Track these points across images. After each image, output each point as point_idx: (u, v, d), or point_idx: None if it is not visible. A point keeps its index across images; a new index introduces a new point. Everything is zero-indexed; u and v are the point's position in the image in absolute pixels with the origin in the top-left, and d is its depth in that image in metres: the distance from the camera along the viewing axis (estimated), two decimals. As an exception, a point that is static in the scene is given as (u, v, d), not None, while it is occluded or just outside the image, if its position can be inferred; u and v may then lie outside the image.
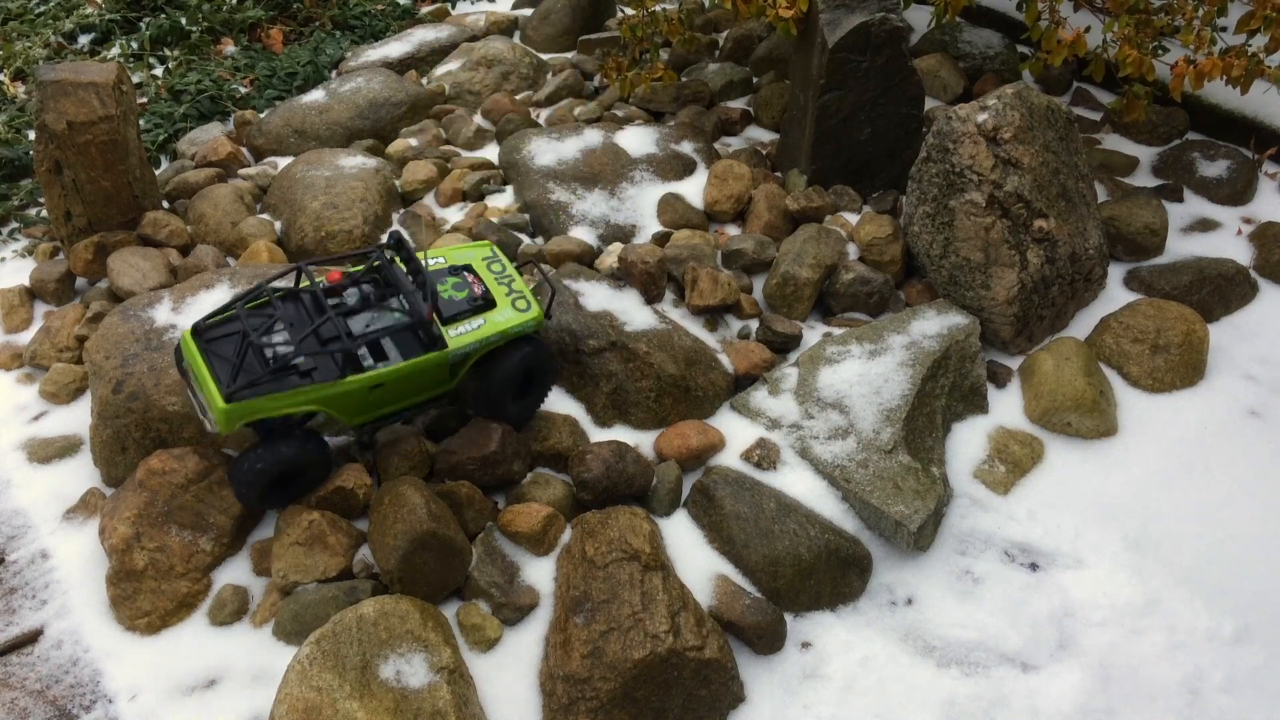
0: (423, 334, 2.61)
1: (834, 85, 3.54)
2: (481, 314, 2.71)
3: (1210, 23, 3.45)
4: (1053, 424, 3.09)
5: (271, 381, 2.44)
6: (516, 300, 2.77)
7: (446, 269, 2.82)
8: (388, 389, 2.60)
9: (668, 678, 2.37)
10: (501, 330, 2.70)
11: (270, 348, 2.50)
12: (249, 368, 2.45)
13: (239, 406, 2.40)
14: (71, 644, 2.60)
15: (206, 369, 2.44)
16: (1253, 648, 2.57)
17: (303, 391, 2.46)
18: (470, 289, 2.76)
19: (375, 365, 2.55)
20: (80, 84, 3.37)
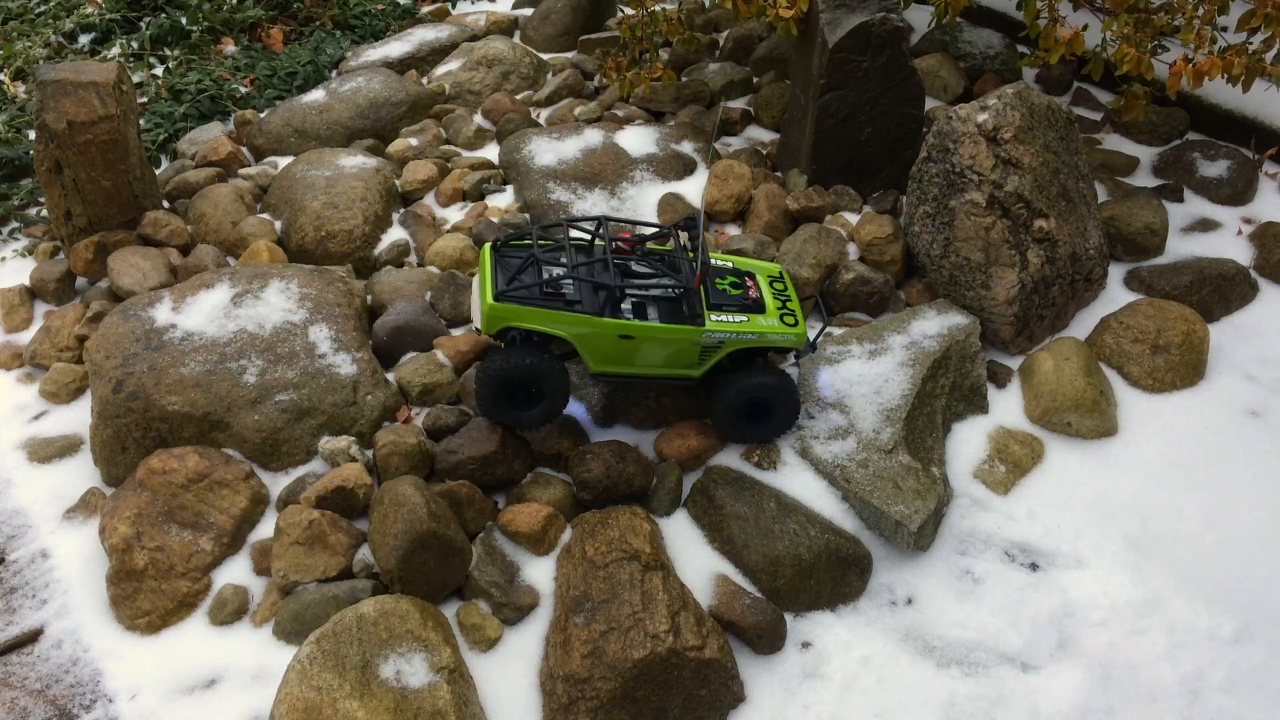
0: (686, 307, 2.72)
1: (834, 85, 3.54)
2: (747, 313, 2.76)
3: (1211, 21, 3.45)
4: (1053, 424, 3.08)
5: (538, 297, 2.61)
6: (785, 316, 2.80)
7: (731, 268, 2.92)
8: (637, 345, 2.68)
9: (668, 677, 2.37)
10: (760, 331, 2.73)
11: (550, 270, 2.69)
12: (526, 281, 2.63)
13: (502, 308, 2.58)
14: (72, 643, 2.60)
15: (490, 273, 2.64)
16: (1253, 647, 2.57)
17: (560, 315, 2.60)
18: (746, 291, 2.84)
19: (632, 318, 2.66)
20: (80, 84, 3.37)
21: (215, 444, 2.85)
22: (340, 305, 3.15)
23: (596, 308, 2.63)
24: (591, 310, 2.62)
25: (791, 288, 2.95)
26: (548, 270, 2.70)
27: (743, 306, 2.78)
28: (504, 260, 2.72)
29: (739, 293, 2.83)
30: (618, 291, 2.63)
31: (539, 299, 2.61)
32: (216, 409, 2.84)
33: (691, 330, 2.67)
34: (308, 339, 3.02)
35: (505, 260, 2.72)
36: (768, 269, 2.99)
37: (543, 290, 2.62)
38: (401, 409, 2.96)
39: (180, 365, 2.90)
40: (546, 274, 2.67)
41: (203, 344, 2.96)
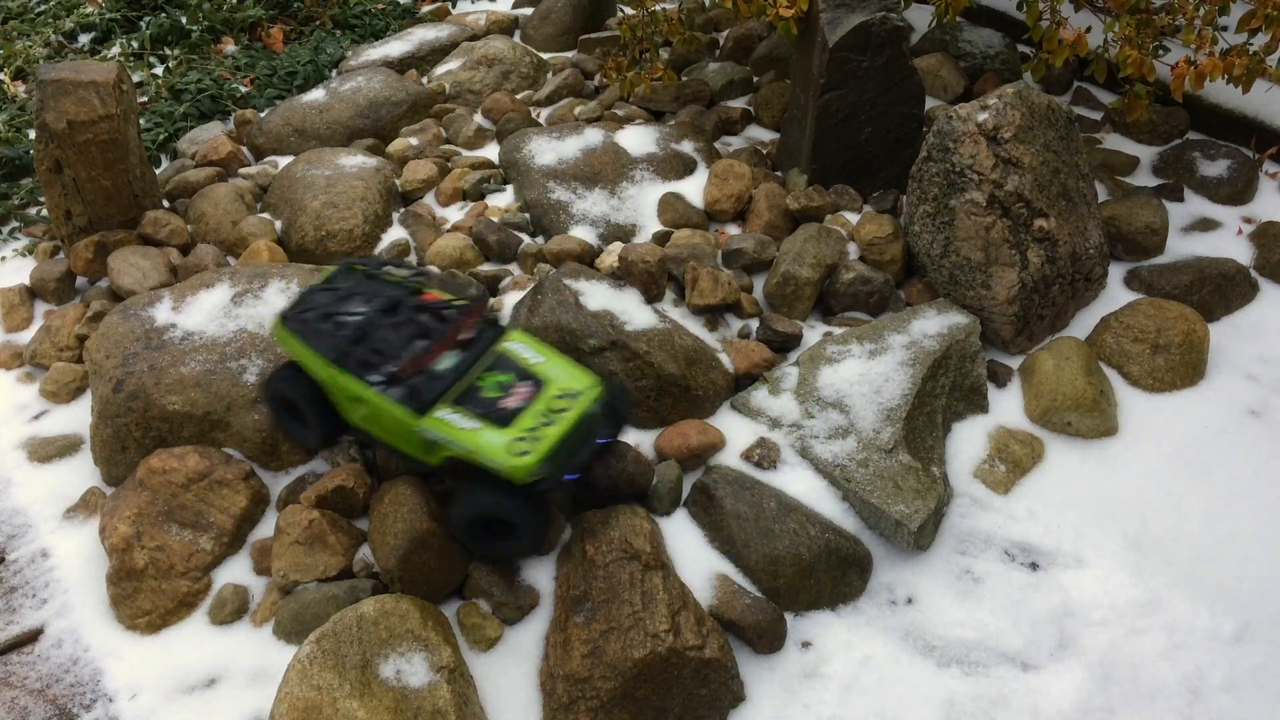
0: (418, 384, 2.45)
1: (834, 85, 3.54)
2: (482, 422, 2.42)
3: (1211, 22, 3.45)
4: (1053, 423, 3.09)
5: (309, 327, 2.55)
6: (522, 441, 2.38)
7: (519, 369, 2.55)
8: (368, 411, 2.51)
9: (668, 677, 2.37)
10: (474, 448, 2.38)
11: (340, 311, 2.58)
12: (310, 307, 2.60)
13: (280, 330, 2.59)
14: (72, 643, 2.60)
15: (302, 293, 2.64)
16: (1253, 647, 2.57)
17: (310, 351, 2.52)
18: (505, 398, 2.47)
19: (377, 387, 2.44)
20: (80, 83, 3.37)
21: (215, 443, 2.85)
22: (340, 305, 3.15)
23: (333, 355, 2.47)
24: (329, 356, 2.47)
25: (582, 408, 2.48)
26: (350, 306, 2.59)
27: (484, 414, 2.42)
28: (333, 280, 2.70)
29: (495, 395, 2.46)
30: (344, 348, 2.48)
31: (308, 329, 2.52)
32: (217, 408, 2.84)
33: (407, 417, 2.40)
34: (308, 338, 3.02)
35: (334, 281, 2.70)
36: (581, 383, 2.54)
37: (317, 323, 2.52)
38: (401, 408, 2.96)
39: (180, 365, 2.90)
40: (336, 309, 2.58)
41: (203, 343, 2.96)
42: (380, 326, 2.53)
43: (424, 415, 2.41)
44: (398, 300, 2.61)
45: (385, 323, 2.54)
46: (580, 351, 2.99)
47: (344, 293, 2.64)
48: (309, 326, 2.56)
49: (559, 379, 2.55)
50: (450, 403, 2.45)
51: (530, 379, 2.54)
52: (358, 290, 2.65)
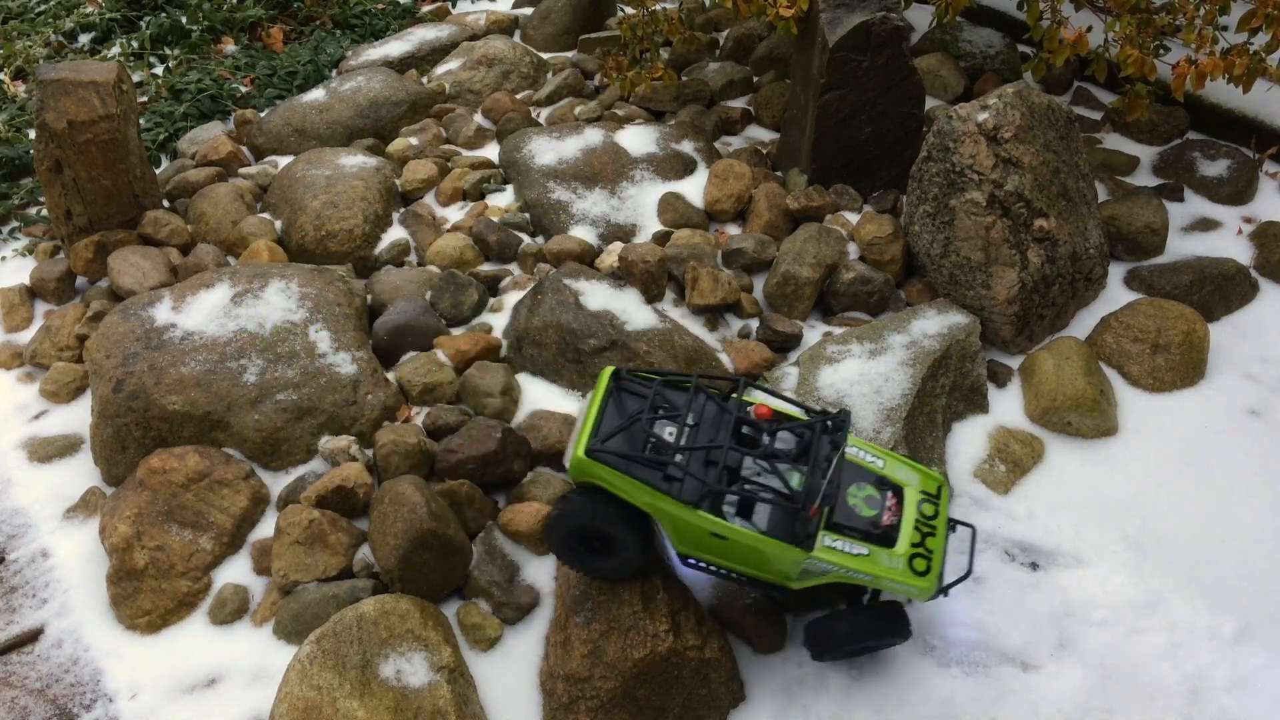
0: (797, 521, 2.26)
1: (834, 85, 3.54)
2: (870, 544, 2.32)
3: (1212, 22, 3.45)
4: (1053, 423, 3.08)
5: (633, 464, 2.24)
6: (917, 557, 2.33)
7: (876, 475, 2.44)
8: (729, 546, 2.31)
9: (668, 677, 2.37)
10: (876, 574, 2.30)
11: (661, 433, 2.30)
12: (628, 436, 2.28)
13: (589, 464, 2.25)
14: (72, 643, 2.60)
15: (596, 413, 2.31)
16: (1253, 647, 2.57)
17: (649, 490, 2.24)
18: (881, 513, 2.37)
19: (733, 519, 2.25)
20: (80, 83, 3.37)
21: (215, 443, 2.85)
22: (340, 305, 3.15)
23: (693, 497, 2.23)
24: (687, 499, 2.23)
25: (945, 510, 2.44)
26: (661, 428, 2.32)
27: (868, 535, 2.33)
28: (619, 398, 2.36)
29: (871, 514, 2.35)
30: (720, 490, 2.24)
31: (634, 465, 2.24)
32: (217, 408, 2.84)
33: (795, 552, 2.25)
34: (308, 338, 3.02)
35: (620, 398, 2.36)
36: (925, 480, 2.48)
37: (643, 460, 2.24)
38: (402, 408, 2.96)
39: (180, 365, 2.90)
40: (656, 438, 2.27)
41: (203, 343, 2.96)
42: (738, 458, 2.32)
43: (811, 548, 2.25)
44: (742, 423, 2.35)
45: (746, 455, 2.30)
46: (580, 351, 2.99)
47: (652, 413, 2.32)
48: (629, 460, 2.25)
49: (910, 481, 2.46)
50: (824, 527, 2.30)
51: (889, 487, 2.43)
52: (664, 406, 2.35)
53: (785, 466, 2.32)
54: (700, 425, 2.34)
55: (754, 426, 2.38)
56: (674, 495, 2.22)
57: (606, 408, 2.33)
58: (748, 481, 2.29)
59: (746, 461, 2.33)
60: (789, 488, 2.28)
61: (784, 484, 2.28)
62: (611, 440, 2.26)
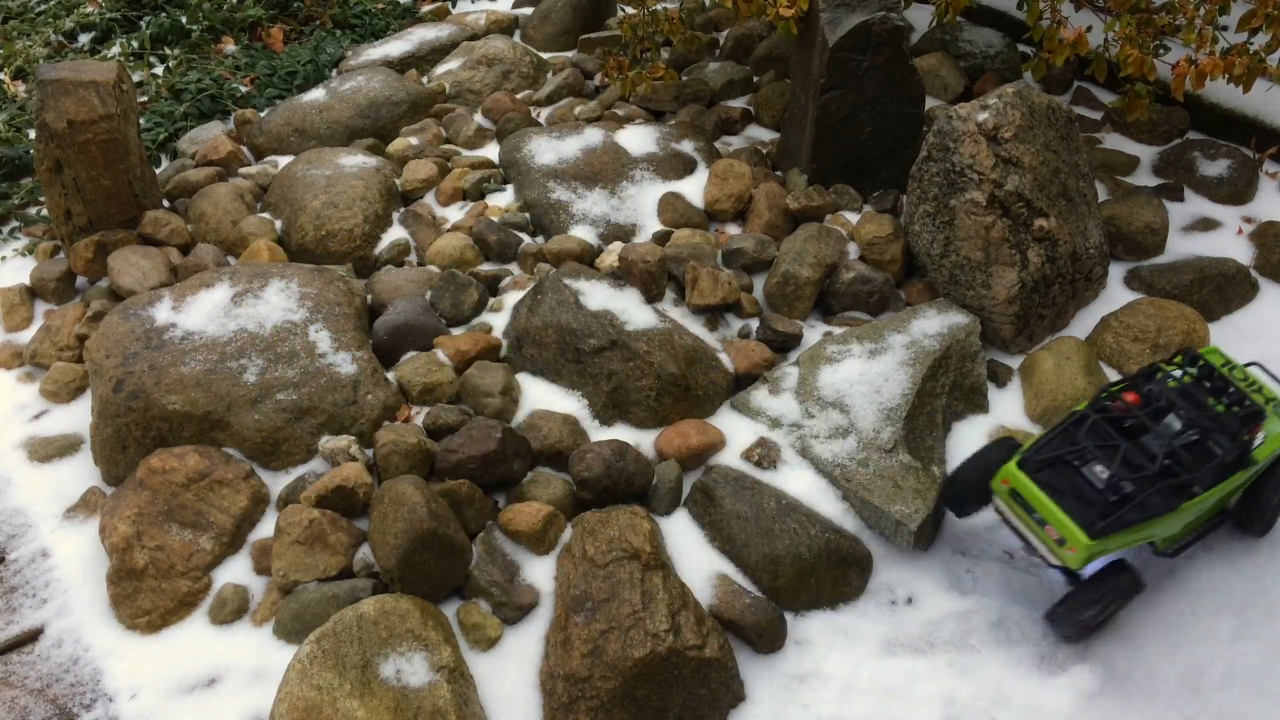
0: (1233, 452, 2.51)
1: (834, 84, 3.54)
2: (1260, 425, 2.59)
3: (1212, 21, 3.45)
4: (1053, 423, 3.08)
5: (1126, 515, 2.37)
6: (1278, 407, 2.65)
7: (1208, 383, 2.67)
8: (1203, 511, 2.57)
9: (668, 677, 2.37)
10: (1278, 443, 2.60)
11: (1107, 478, 2.41)
12: (1090, 500, 2.39)
13: (1100, 543, 2.36)
14: (72, 643, 2.60)
15: (1054, 504, 2.39)
16: (1252, 645, 2.57)
17: (1147, 525, 2.41)
18: (1240, 400, 2.62)
19: (1196, 490, 2.46)
20: (81, 83, 3.37)
21: (215, 443, 2.85)
22: (340, 304, 3.15)
23: (1170, 502, 2.42)
24: (1169, 505, 2.42)
25: (1239, 367, 2.73)
26: (1091, 471, 2.43)
27: (1255, 418, 2.58)
28: (1041, 478, 2.45)
29: (1246, 405, 2.60)
30: (1192, 481, 2.45)
31: (1128, 515, 2.37)
32: (217, 408, 2.84)
33: (1244, 475, 2.55)
34: (308, 338, 3.02)
35: (1042, 477, 2.45)
36: (1214, 357, 2.74)
37: (1124, 507, 2.37)
38: (402, 408, 2.96)
39: (180, 364, 2.90)
40: (1102, 482, 2.40)
41: (203, 343, 2.96)
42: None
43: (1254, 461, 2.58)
44: (1120, 423, 2.55)
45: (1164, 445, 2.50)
46: (580, 351, 2.99)
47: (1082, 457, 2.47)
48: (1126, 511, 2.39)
49: (1214, 362, 2.73)
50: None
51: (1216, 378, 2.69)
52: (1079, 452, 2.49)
53: (1184, 421, 2.54)
54: (1107, 450, 2.46)
55: (1129, 416, 2.55)
56: (1163, 511, 2.40)
57: (1053, 495, 2.42)
58: (1185, 452, 2.48)
59: (1160, 445, 2.49)
60: (1213, 431, 2.53)
61: (1213, 426, 2.53)
62: (1105, 511, 2.37)
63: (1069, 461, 2.46)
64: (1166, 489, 2.42)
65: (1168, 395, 2.60)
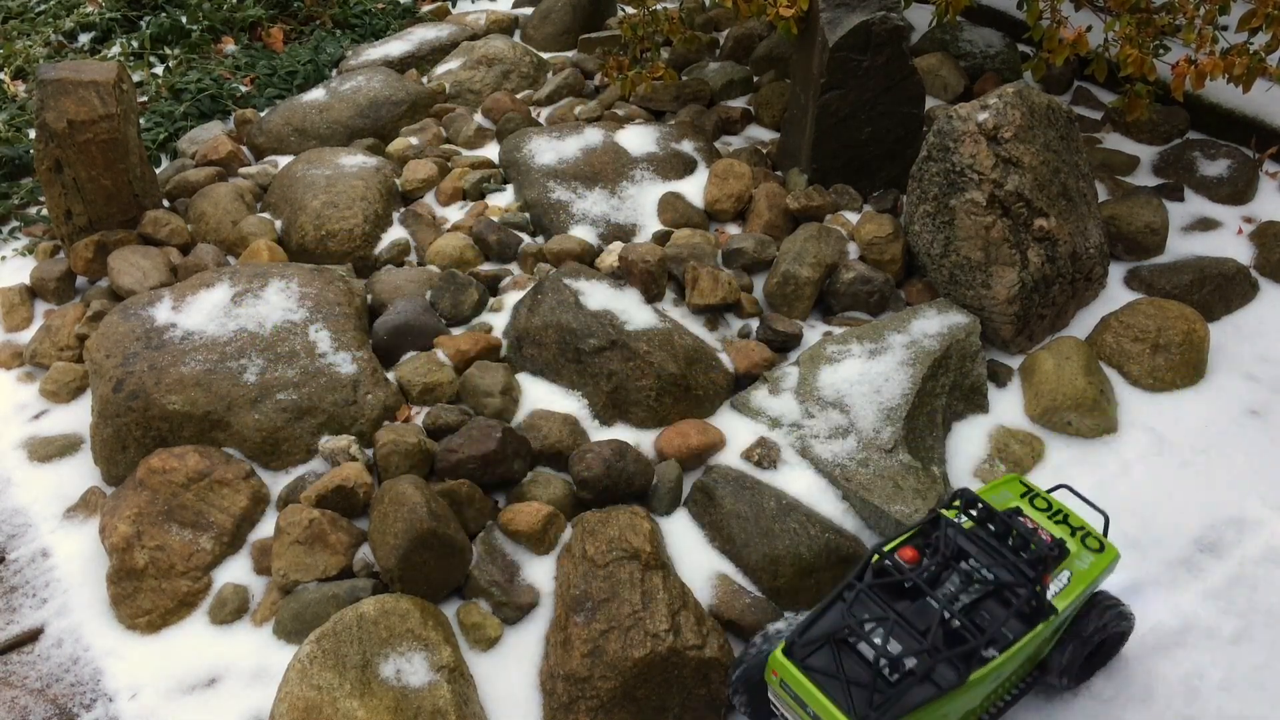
0: (1028, 603, 2.15)
1: (834, 84, 3.54)
2: (1061, 566, 2.29)
3: (1212, 21, 3.45)
4: (1053, 423, 3.08)
5: (908, 697, 2.00)
6: (1086, 538, 2.36)
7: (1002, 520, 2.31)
8: (1008, 675, 2.23)
9: (668, 677, 2.37)
10: (1089, 580, 2.29)
11: (880, 656, 2.02)
12: (862, 681, 2.02)
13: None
14: (72, 642, 2.60)
15: (822, 694, 2.02)
16: (1252, 647, 2.57)
17: (939, 703, 2.03)
18: (1039, 536, 2.28)
19: (993, 652, 2.10)
20: (81, 83, 3.37)
21: (215, 443, 2.85)
22: (340, 304, 3.15)
23: (961, 673, 2.02)
24: (954, 677, 2.03)
25: (1040, 491, 2.46)
26: (864, 649, 2.07)
27: (1058, 559, 2.29)
28: (815, 666, 2.06)
29: (1034, 546, 2.22)
30: (980, 645, 2.05)
31: (906, 698, 2.00)
32: (217, 408, 2.84)
33: (1045, 626, 2.17)
34: (308, 338, 3.02)
35: (816, 665, 2.06)
36: (1010, 489, 2.48)
37: (900, 688, 1.99)
38: (402, 408, 2.96)
39: (180, 364, 2.90)
40: (876, 659, 2.02)
41: (203, 343, 2.97)
42: None
43: (1056, 607, 2.24)
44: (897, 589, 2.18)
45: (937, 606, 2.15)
46: (580, 351, 2.99)
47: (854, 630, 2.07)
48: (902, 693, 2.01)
49: (1005, 499, 2.46)
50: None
51: (1009, 519, 2.33)
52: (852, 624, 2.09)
53: (972, 579, 2.20)
54: (883, 618, 2.11)
55: (905, 573, 2.18)
56: (949, 686, 2.02)
57: (818, 683, 2.04)
58: (971, 615, 2.14)
59: (942, 607, 2.13)
60: (1004, 583, 2.17)
61: (995, 585, 2.17)
62: (870, 700, 2.00)
63: (843, 639, 2.08)
64: (954, 658, 2.03)
65: (952, 545, 2.23)
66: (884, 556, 2.21)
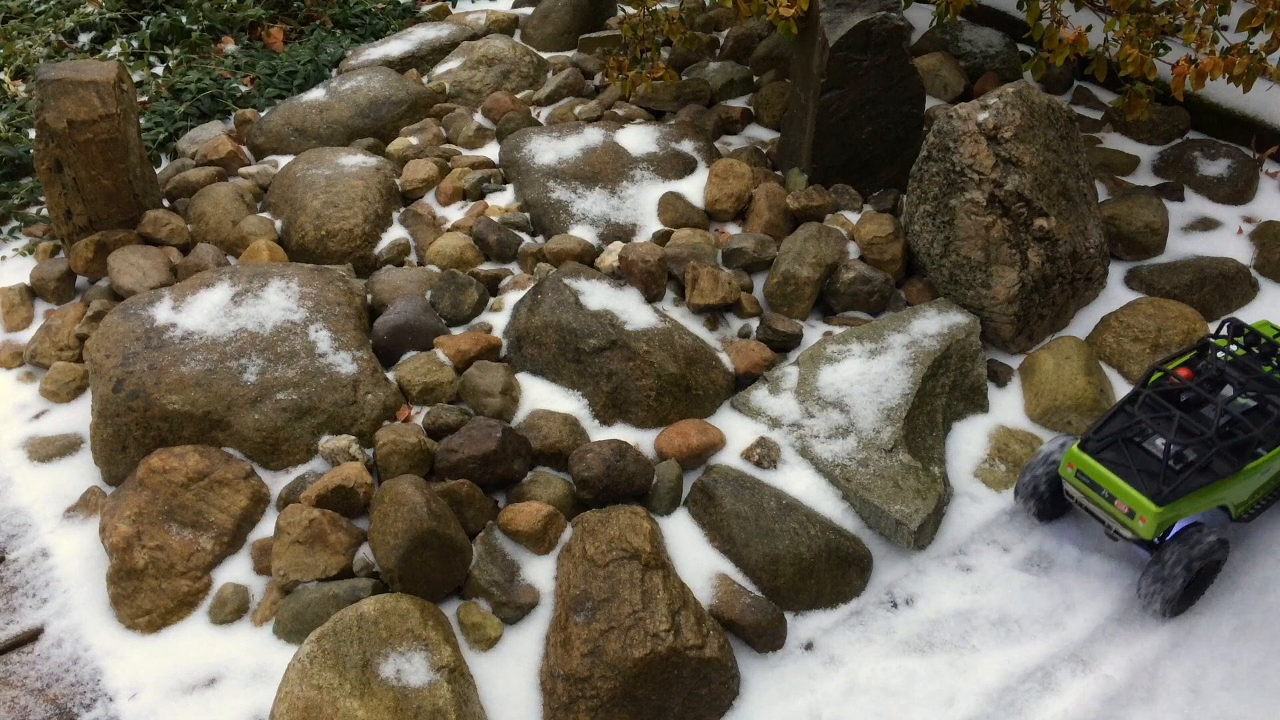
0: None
1: (835, 84, 3.54)
2: None
3: (1212, 21, 3.45)
4: (1053, 423, 3.08)
5: (1190, 480, 2.48)
6: None
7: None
8: (1268, 473, 2.65)
9: (668, 676, 2.37)
10: None
11: (1167, 447, 2.50)
12: (1154, 470, 2.50)
13: (1167, 510, 2.45)
14: (72, 642, 2.60)
15: (1119, 479, 2.50)
16: (1253, 645, 2.57)
17: (1214, 489, 2.51)
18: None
19: (1259, 451, 2.57)
20: (81, 82, 3.37)
21: (215, 443, 2.85)
22: (340, 304, 3.15)
23: (1234, 464, 2.52)
24: (1233, 467, 2.52)
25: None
26: (1151, 444, 2.57)
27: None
28: (1103, 456, 2.57)
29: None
30: (1257, 436, 2.53)
31: (1195, 479, 2.49)
32: (217, 408, 2.84)
33: None
34: (308, 338, 3.02)
35: (1109, 458, 2.56)
36: (1265, 328, 2.89)
37: (1189, 472, 2.49)
38: (402, 408, 2.96)
39: (180, 364, 2.90)
40: (1156, 448, 2.56)
41: (203, 343, 2.97)
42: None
43: None
44: (1177, 397, 2.68)
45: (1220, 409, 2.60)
46: (580, 351, 2.99)
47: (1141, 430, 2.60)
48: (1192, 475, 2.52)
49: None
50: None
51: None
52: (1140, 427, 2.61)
53: (1238, 387, 2.65)
54: (1172, 422, 2.55)
55: (1185, 390, 2.65)
56: (1226, 474, 2.50)
57: (1115, 470, 2.53)
58: (1244, 417, 2.57)
59: (1217, 413, 2.56)
60: (1269, 397, 2.62)
61: (1269, 389, 2.65)
62: (1169, 477, 2.48)
63: (1129, 438, 2.57)
64: (1228, 452, 2.51)
65: (1220, 367, 2.70)
66: (1165, 373, 2.66)
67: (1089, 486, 2.57)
